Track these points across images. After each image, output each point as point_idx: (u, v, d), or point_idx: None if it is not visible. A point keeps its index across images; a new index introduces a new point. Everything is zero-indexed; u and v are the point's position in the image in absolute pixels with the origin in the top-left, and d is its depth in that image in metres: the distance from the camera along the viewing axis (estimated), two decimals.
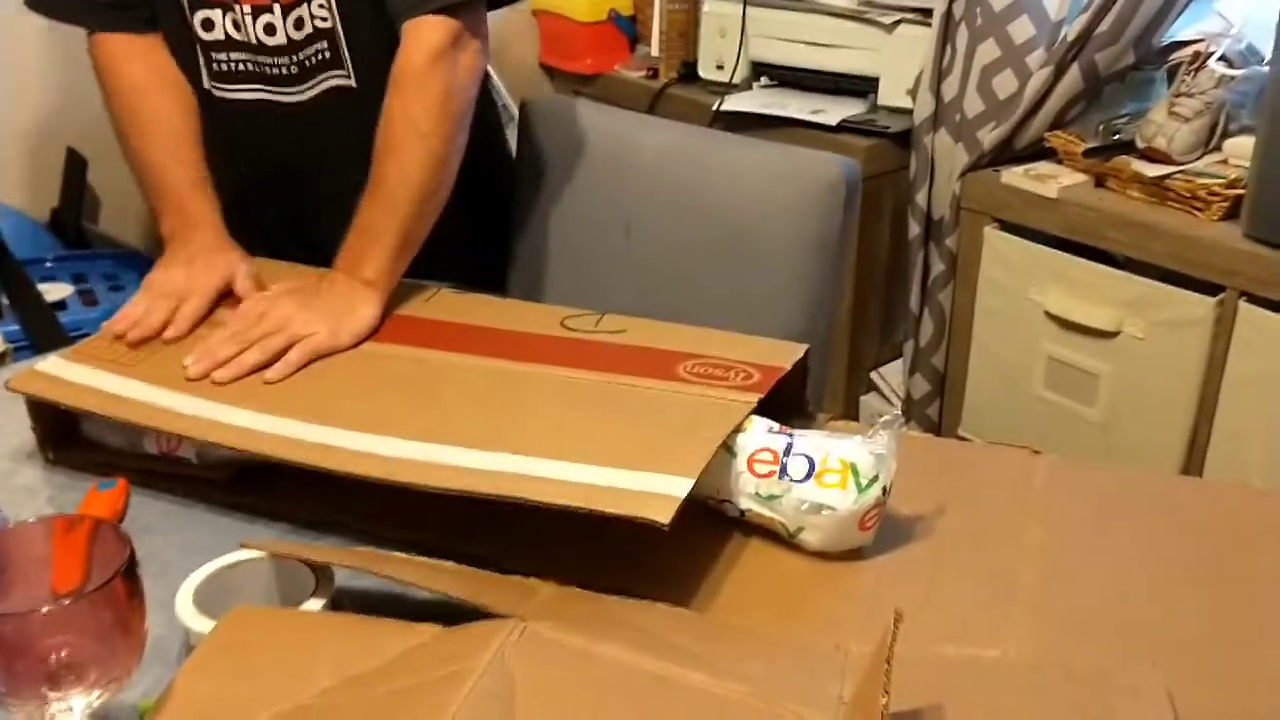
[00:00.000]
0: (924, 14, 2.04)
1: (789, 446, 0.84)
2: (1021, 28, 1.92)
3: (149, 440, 0.96)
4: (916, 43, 2.05)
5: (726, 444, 0.85)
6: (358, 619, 0.73)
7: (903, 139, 2.09)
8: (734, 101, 2.19)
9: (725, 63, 2.27)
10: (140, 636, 0.65)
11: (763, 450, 0.85)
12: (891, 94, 2.12)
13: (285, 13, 1.19)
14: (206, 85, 1.26)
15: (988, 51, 1.96)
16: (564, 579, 0.80)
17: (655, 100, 2.37)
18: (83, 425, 0.99)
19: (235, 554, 0.78)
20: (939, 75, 2.03)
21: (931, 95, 2.03)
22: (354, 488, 0.86)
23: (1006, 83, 1.95)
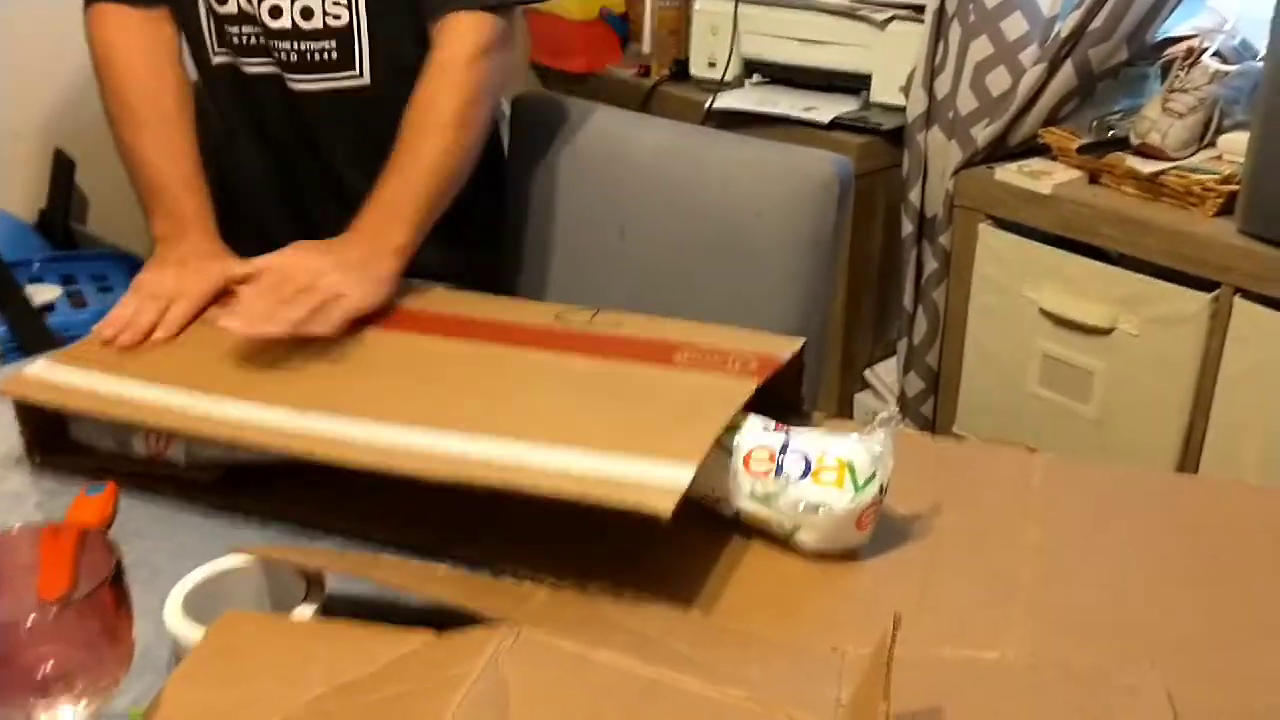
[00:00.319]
0: (916, 10, 2.04)
1: (785, 444, 0.84)
2: (1014, 24, 1.92)
3: (138, 442, 0.95)
4: (909, 39, 2.05)
5: (722, 442, 0.84)
6: (349, 625, 0.72)
7: (895, 136, 2.08)
8: (726, 99, 2.18)
9: (717, 61, 2.26)
10: (128, 645, 0.64)
11: (759, 448, 0.84)
12: (884, 91, 2.12)
13: None
14: (220, 59, 1.25)
15: (980, 48, 1.96)
16: (560, 581, 0.79)
17: (647, 98, 2.36)
18: (71, 429, 0.98)
19: (225, 560, 0.77)
20: (931, 72, 2.02)
21: (924, 92, 2.03)
22: (347, 489, 0.85)
23: (999, 79, 1.95)
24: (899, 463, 0.84)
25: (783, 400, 0.96)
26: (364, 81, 1.24)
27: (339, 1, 1.18)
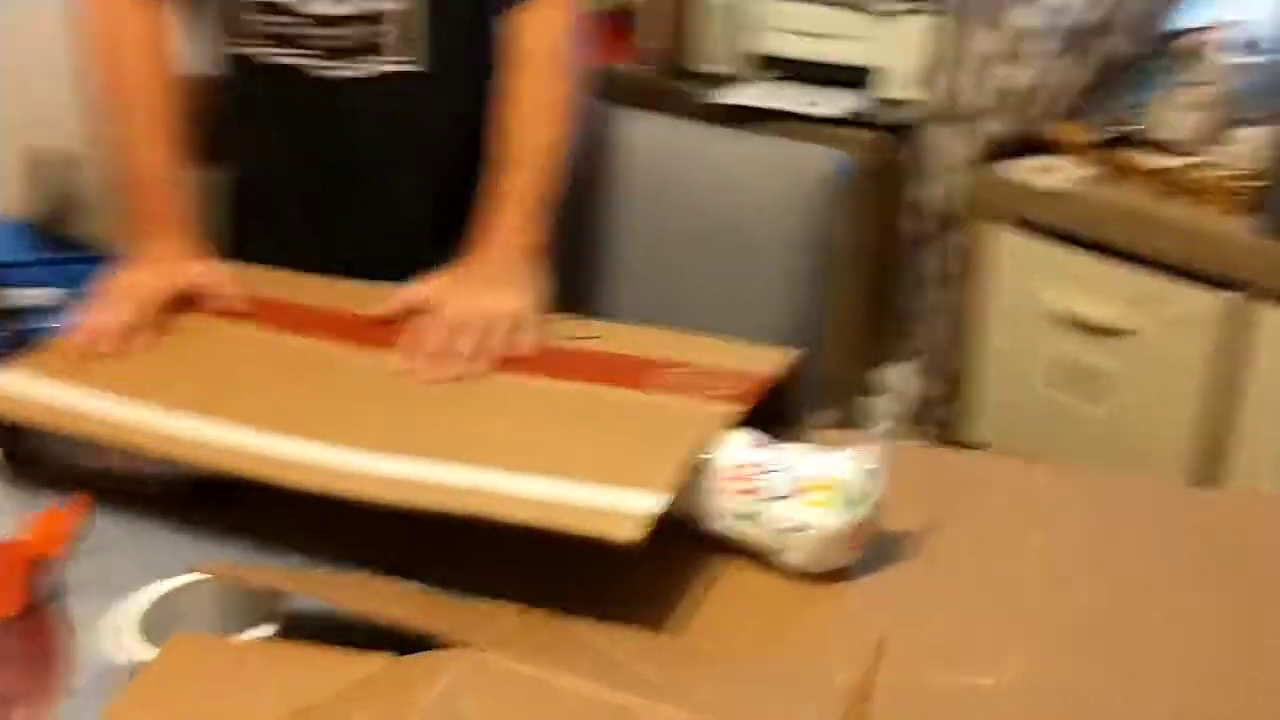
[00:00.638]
0: (924, 3, 2.00)
1: (770, 461, 0.80)
2: (1023, 16, 1.88)
3: (109, 455, 0.92)
4: (915, 32, 2.00)
5: (704, 459, 0.81)
6: (305, 647, 0.69)
7: (901, 132, 2.04)
8: (729, 94, 2.14)
9: (719, 54, 2.23)
10: (66, 667, 0.62)
11: (741, 465, 0.80)
12: (891, 86, 2.08)
13: None
14: (247, 49, 1.22)
15: (990, 41, 1.92)
16: (533, 600, 0.76)
17: (650, 93, 2.32)
18: (47, 439, 0.96)
19: (182, 578, 0.74)
20: (938, 66, 1.98)
21: (932, 87, 1.99)
22: (317, 504, 0.82)
23: (1009, 73, 1.91)
24: (894, 474, 0.80)
25: (775, 409, 0.92)
26: (417, 69, 1.21)
27: None
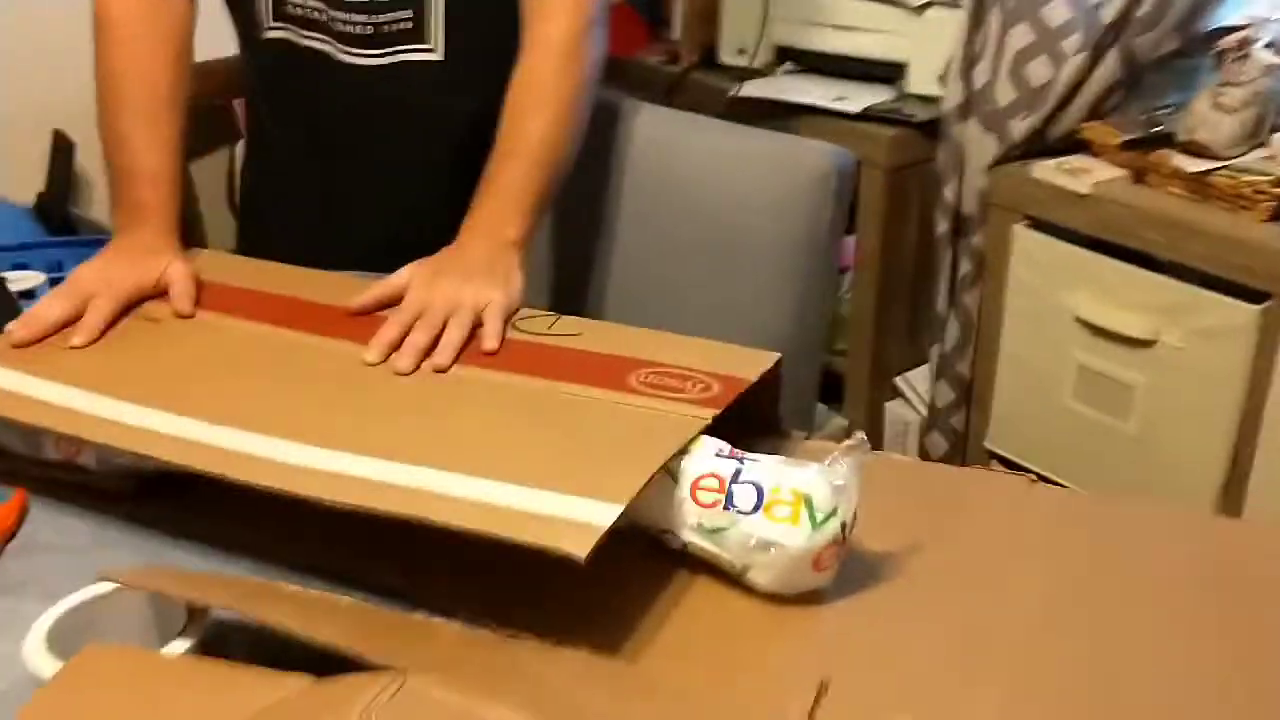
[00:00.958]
0: None
1: (738, 473, 0.74)
2: (1057, 11, 1.80)
3: (49, 445, 0.88)
4: (946, 26, 1.93)
5: (668, 468, 0.75)
6: (221, 665, 0.64)
7: (931, 129, 1.97)
8: (752, 87, 2.08)
9: (748, 47, 2.17)
10: None
11: (708, 476, 0.75)
12: (920, 81, 2.01)
13: None
14: (274, 33, 1.21)
15: (1021, 36, 1.84)
16: (480, 613, 0.71)
17: (674, 85, 2.27)
18: None
19: (95, 587, 0.69)
20: (970, 61, 1.91)
21: (961, 82, 1.91)
22: (266, 504, 0.78)
23: (1040, 69, 1.83)
24: (880, 492, 0.75)
25: (756, 416, 0.87)
26: (433, 57, 1.19)
27: None
